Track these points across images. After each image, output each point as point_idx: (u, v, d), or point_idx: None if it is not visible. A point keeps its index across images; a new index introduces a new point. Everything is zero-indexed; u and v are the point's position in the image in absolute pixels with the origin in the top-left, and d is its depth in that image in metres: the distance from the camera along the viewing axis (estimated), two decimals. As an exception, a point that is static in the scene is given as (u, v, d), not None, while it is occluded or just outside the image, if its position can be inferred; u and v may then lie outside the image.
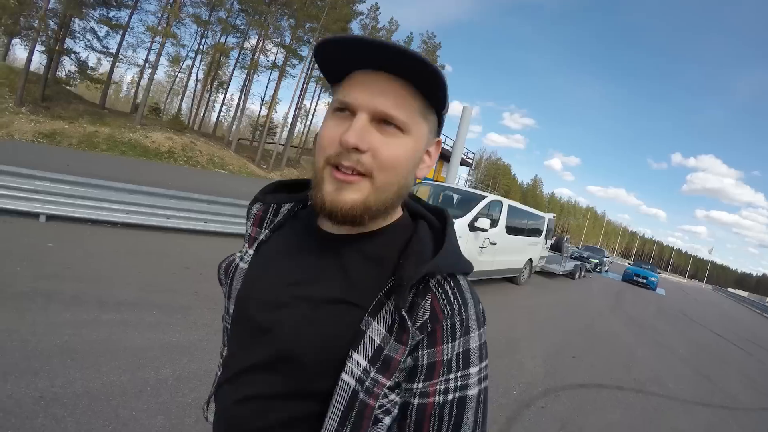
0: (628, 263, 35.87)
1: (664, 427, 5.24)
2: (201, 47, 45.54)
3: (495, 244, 10.23)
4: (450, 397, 0.69)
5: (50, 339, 3.91)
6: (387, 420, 0.72)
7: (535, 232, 13.28)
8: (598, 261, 28.05)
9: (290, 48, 46.10)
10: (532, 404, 4.81)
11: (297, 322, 0.76)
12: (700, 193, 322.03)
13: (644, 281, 27.10)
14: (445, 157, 43.49)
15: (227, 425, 0.83)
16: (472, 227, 9.28)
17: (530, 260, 13.29)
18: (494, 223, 10.10)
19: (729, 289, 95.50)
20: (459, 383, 0.70)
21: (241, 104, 47.88)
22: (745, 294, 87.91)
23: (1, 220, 7.29)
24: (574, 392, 5.52)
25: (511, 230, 11.31)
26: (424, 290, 0.73)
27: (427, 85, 0.71)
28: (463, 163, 47.40)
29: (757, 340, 16.43)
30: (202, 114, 53.51)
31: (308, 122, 60.39)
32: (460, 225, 8.98)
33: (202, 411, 1.04)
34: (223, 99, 53.60)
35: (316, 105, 57.95)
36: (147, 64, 41.24)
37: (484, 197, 10.21)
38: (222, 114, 56.90)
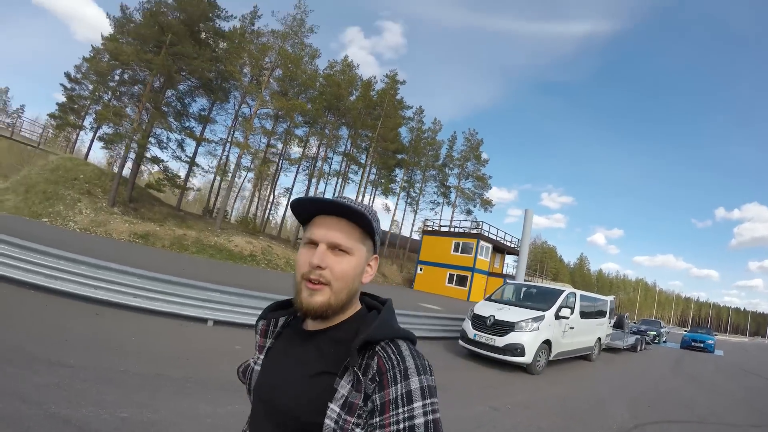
0: (685, 330, 36.74)
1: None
2: (266, 155, 47.20)
3: (573, 328, 12.58)
4: (401, 426, 0.93)
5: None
6: None
7: (601, 314, 15.26)
8: (655, 333, 29.25)
9: (351, 156, 49.32)
10: (630, 432, 7.45)
11: (295, 393, 1.08)
12: (749, 244, 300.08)
13: (702, 345, 28.43)
14: (499, 249, 46.26)
15: None
16: (557, 316, 11.58)
17: (599, 339, 15.30)
18: (571, 311, 12.22)
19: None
20: (406, 415, 0.94)
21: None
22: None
23: (178, 323, 9.03)
24: (654, 425, 8.05)
25: (583, 315, 13.40)
26: (372, 354, 1.03)
27: (360, 221, 1.12)
28: (514, 252, 49.69)
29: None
30: (267, 216, 55.86)
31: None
32: (549, 315, 11.30)
33: None
34: (287, 203, 55.29)
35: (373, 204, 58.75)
36: (219, 172, 44.43)
37: (562, 291, 12.61)
38: (286, 217, 58.82)
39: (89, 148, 45.06)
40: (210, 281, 10.24)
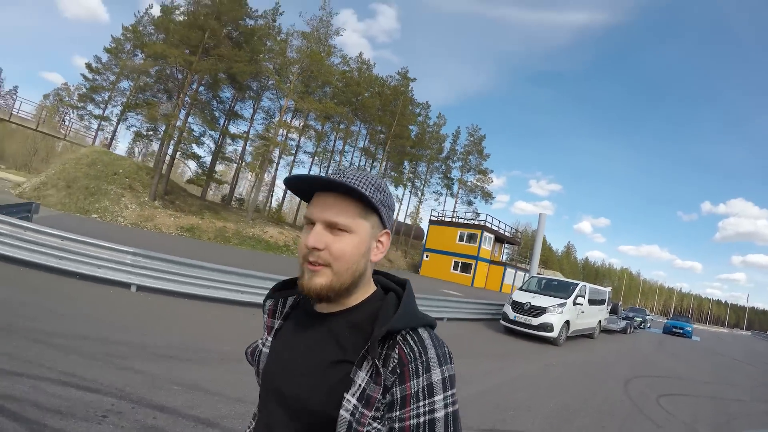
0: (667, 318, 40.48)
1: (691, 389, 11.49)
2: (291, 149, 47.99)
3: (583, 312, 16.28)
4: (421, 420, 0.91)
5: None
6: None
7: (602, 302, 18.79)
8: (641, 319, 33.10)
9: (369, 151, 52.44)
10: (632, 380, 11.18)
11: (307, 382, 1.02)
12: (733, 239, 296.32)
13: (681, 331, 32.62)
14: (499, 239, 49.67)
15: None
16: (574, 303, 15.14)
17: (599, 321, 18.88)
18: (583, 299, 15.90)
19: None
20: (427, 409, 0.91)
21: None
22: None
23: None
24: (647, 378, 11.94)
25: (590, 302, 16.84)
26: (393, 344, 0.97)
27: (359, 197, 1.02)
28: (512, 241, 53.46)
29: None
30: (282, 206, 57.22)
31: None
32: (569, 302, 14.87)
33: None
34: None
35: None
36: (250, 166, 45.25)
37: (577, 284, 16.31)
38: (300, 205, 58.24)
39: (111, 139, 45.30)
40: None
